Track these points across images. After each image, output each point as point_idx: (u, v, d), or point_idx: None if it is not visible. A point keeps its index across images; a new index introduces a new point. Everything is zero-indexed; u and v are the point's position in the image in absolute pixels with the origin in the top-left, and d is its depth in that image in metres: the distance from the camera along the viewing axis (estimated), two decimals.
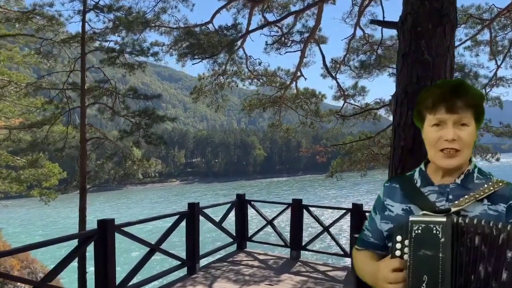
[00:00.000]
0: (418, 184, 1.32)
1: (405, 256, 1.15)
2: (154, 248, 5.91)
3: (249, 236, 8.41)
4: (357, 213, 7.24)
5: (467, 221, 1.12)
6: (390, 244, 1.28)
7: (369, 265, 1.37)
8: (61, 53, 10.36)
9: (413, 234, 1.13)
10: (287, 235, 8.11)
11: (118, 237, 5.20)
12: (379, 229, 1.40)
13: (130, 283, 5.45)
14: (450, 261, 1.09)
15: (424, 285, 1.09)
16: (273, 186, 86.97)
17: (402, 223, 1.19)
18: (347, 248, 7.44)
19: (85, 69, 8.27)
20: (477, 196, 1.20)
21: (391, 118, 10.08)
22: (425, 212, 1.21)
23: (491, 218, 1.16)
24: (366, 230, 1.48)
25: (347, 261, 7.52)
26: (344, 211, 7.52)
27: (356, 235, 1.59)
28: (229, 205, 8.18)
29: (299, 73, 9.45)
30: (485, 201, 1.21)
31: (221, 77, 10.29)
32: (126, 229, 5.39)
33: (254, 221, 10.29)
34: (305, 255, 8.15)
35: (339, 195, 68.97)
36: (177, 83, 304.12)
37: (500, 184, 1.23)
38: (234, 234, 8.28)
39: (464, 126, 1.22)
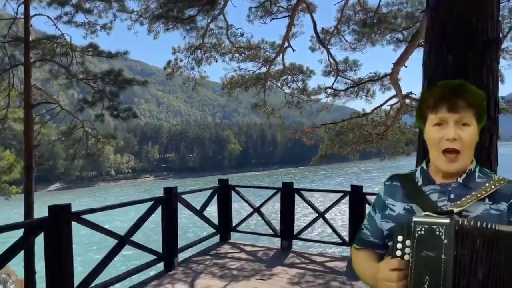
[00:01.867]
0: (420, 183, 1.31)
1: (406, 256, 1.15)
2: (123, 241, 4.90)
3: (233, 226, 7.49)
4: (356, 196, 6.42)
5: (472, 223, 1.10)
6: (390, 243, 1.28)
7: (370, 266, 1.36)
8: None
9: (416, 235, 1.12)
10: (276, 224, 7.23)
11: (78, 228, 4.18)
12: (379, 228, 1.39)
13: (93, 284, 4.42)
14: (452, 263, 1.08)
15: (425, 286, 1.09)
16: (251, 179, 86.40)
17: (403, 223, 1.18)
18: (346, 236, 6.61)
19: (30, 17, 6.78)
20: (479, 195, 1.20)
21: (386, 94, 9.45)
22: (427, 213, 1.18)
23: (492, 218, 1.18)
24: (365, 229, 1.45)
25: (347, 250, 6.70)
26: (342, 194, 6.68)
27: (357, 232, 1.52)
28: (210, 191, 7.21)
29: (286, 44, 8.54)
30: (487, 200, 1.21)
31: (199, 51, 9.28)
32: (87, 217, 4.36)
33: (239, 209, 9.36)
34: (296, 245, 7.30)
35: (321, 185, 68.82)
36: (150, 77, 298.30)
37: (502, 182, 1.24)
38: (217, 224, 7.35)
39: (466, 126, 1.22)
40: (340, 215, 23.41)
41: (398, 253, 1.16)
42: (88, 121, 7.17)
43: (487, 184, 1.23)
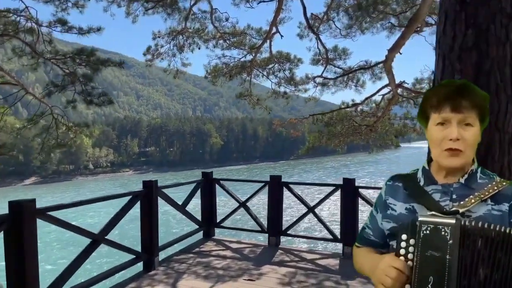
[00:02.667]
0: (422, 183, 1.31)
1: (410, 255, 1.14)
2: (97, 239, 4.42)
3: (218, 221, 7.07)
4: (349, 190, 6.07)
5: (473, 223, 1.11)
6: (392, 243, 1.32)
7: (371, 256, 1.37)
8: None
9: (421, 234, 1.12)
10: (263, 219, 6.84)
11: (43, 226, 3.69)
12: (380, 228, 1.39)
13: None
14: (457, 263, 1.08)
15: (430, 285, 1.09)
16: (231, 174, 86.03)
17: (408, 223, 1.17)
18: (337, 232, 6.26)
19: None
20: (482, 196, 1.21)
21: (377, 84, 9.15)
22: (433, 213, 1.19)
23: (494, 218, 1.18)
24: (367, 228, 1.46)
25: (338, 247, 6.38)
26: (333, 187, 6.32)
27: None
28: (193, 185, 6.76)
29: (274, 30, 8.09)
30: (489, 201, 1.22)
31: (181, 37, 8.74)
32: (55, 214, 3.86)
33: (224, 204, 8.93)
34: (285, 241, 6.93)
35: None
36: (129, 70, 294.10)
37: (504, 183, 1.24)
38: (200, 220, 6.91)
39: (469, 126, 1.22)
40: (332, 209, 23.23)
41: (402, 251, 1.15)
42: (59, 108, 6.53)
43: (489, 185, 1.23)
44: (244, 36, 8.73)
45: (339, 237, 6.16)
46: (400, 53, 6.69)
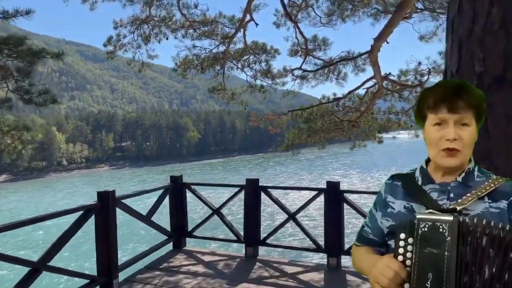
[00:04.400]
0: (420, 182, 1.32)
1: (408, 254, 1.14)
2: (37, 268, 3.68)
3: (189, 230, 6.38)
4: (333, 195, 5.47)
5: (474, 221, 1.11)
6: (390, 242, 1.31)
7: (370, 257, 1.36)
8: None
9: (420, 231, 1.13)
10: (240, 227, 6.20)
11: None
12: (379, 226, 1.39)
13: None
14: (455, 260, 1.08)
15: (429, 282, 1.09)
16: (208, 168, 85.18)
17: (406, 222, 1.18)
18: (321, 241, 5.66)
19: None
20: (479, 193, 1.21)
21: (361, 76, 8.53)
22: (431, 210, 1.20)
23: (493, 216, 1.18)
24: (366, 227, 1.45)
25: (322, 258, 5.80)
26: (316, 192, 5.71)
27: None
28: (161, 191, 6.04)
29: (248, 17, 7.34)
30: (486, 199, 1.22)
31: (145, 26, 7.93)
32: None
33: (196, 211, 8.24)
34: (263, 251, 6.32)
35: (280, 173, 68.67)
36: (103, 63, 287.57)
37: (500, 181, 1.24)
38: (169, 230, 6.22)
39: (465, 126, 1.22)
40: (315, 215, 22.59)
41: (401, 250, 1.16)
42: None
43: (486, 183, 1.24)
44: (215, 24, 7.97)
45: (323, 246, 5.57)
46: (387, 42, 6.11)
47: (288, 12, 7.30)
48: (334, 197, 5.46)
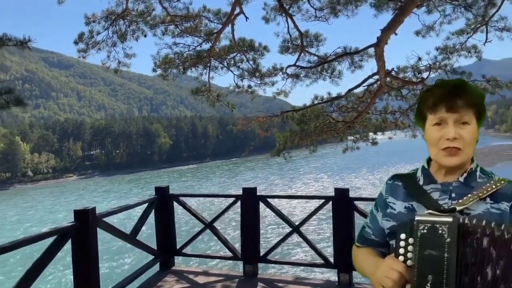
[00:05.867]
0: (421, 182, 1.31)
1: (409, 254, 1.14)
2: None
3: (178, 248, 5.68)
4: (342, 203, 4.92)
5: (474, 221, 1.10)
6: (391, 242, 1.29)
7: (372, 259, 1.35)
8: None
9: (419, 233, 1.12)
10: (236, 243, 5.55)
11: None
12: (380, 227, 1.38)
13: None
14: (455, 261, 1.08)
15: (429, 284, 1.08)
16: (178, 175, 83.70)
17: (406, 222, 1.17)
18: (329, 255, 5.09)
19: None
20: (480, 194, 1.20)
21: (359, 73, 8.01)
22: (430, 211, 1.19)
23: (493, 217, 1.17)
24: (367, 227, 1.45)
25: (331, 274, 5.21)
26: (323, 201, 5.13)
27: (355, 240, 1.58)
28: (145, 205, 5.32)
29: (237, 10, 6.67)
30: (488, 200, 1.21)
31: (121, 21, 7.16)
32: None
33: (186, 225, 7.51)
34: (264, 267, 5.67)
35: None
36: (68, 70, 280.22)
37: (502, 182, 1.23)
38: (156, 248, 5.49)
39: (465, 125, 1.22)
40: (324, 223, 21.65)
41: (401, 250, 1.16)
42: None
43: (488, 184, 1.23)
44: (199, 19, 7.30)
45: (332, 261, 5.00)
46: (396, 34, 5.62)
47: (282, 4, 6.70)
48: (344, 205, 4.91)
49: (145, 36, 7.41)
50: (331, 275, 5.33)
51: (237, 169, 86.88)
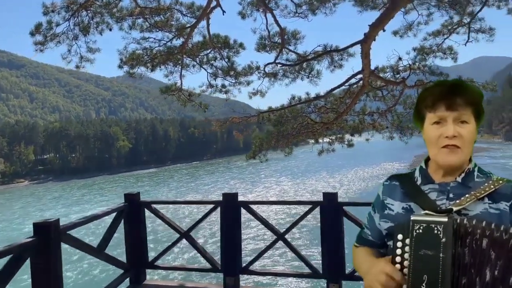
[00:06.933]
0: (419, 182, 1.31)
1: (406, 255, 1.13)
2: None
3: (150, 260, 5.17)
4: (330, 208, 4.61)
5: (473, 222, 1.09)
6: (389, 243, 1.29)
7: (368, 259, 1.36)
8: None
9: (414, 233, 1.11)
10: (215, 253, 5.11)
11: None
12: (378, 228, 1.37)
13: None
14: (451, 261, 1.06)
15: (424, 284, 1.08)
16: (135, 179, 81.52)
17: (403, 222, 1.17)
18: (318, 265, 4.75)
19: None
20: (478, 194, 1.19)
21: (339, 73, 7.79)
22: (427, 211, 1.18)
23: (492, 217, 1.15)
24: (365, 228, 1.45)
25: (318, 283, 4.88)
26: (310, 206, 4.79)
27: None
28: (114, 214, 4.79)
29: (214, 3, 6.21)
30: (486, 200, 1.20)
31: (84, 12, 6.52)
32: None
33: (159, 235, 6.97)
34: (247, 279, 5.28)
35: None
36: (20, 70, 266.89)
37: (501, 182, 1.22)
38: (125, 262, 4.97)
39: (464, 124, 1.21)
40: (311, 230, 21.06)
41: (399, 251, 1.15)
42: None
43: (486, 184, 1.22)
44: (171, 13, 6.80)
45: (320, 271, 4.67)
46: (384, 30, 5.41)
47: None
48: (331, 211, 4.60)
49: (110, 29, 6.81)
50: (319, 284, 5.00)
51: (197, 173, 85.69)
